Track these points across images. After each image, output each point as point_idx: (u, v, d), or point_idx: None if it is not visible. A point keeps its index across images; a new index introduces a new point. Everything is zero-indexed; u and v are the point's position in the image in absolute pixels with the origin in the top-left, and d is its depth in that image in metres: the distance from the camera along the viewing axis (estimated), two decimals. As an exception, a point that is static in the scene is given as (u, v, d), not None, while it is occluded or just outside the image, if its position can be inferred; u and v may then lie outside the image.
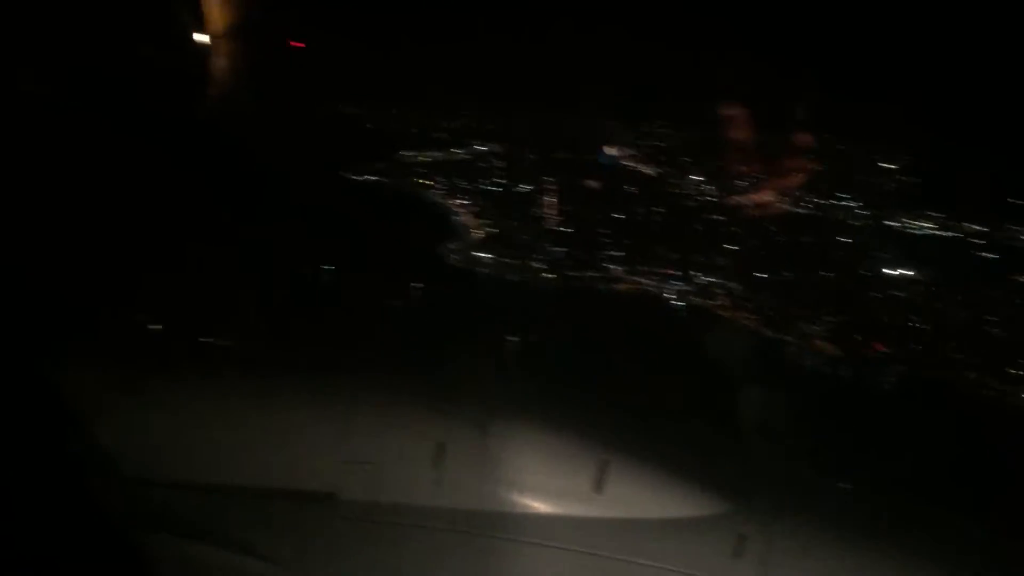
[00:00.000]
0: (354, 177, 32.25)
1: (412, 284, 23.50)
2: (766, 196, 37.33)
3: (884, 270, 30.57)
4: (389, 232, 24.75)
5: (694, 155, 41.95)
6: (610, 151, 43.00)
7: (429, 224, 28.78)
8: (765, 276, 28.38)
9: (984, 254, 32.75)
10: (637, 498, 3.42)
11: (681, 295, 27.32)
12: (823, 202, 37.24)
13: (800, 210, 34.91)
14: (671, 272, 28.19)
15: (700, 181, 40.61)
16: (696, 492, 3.45)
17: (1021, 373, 23.88)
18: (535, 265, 28.54)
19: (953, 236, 33.65)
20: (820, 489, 4.03)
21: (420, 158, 35.04)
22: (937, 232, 34.36)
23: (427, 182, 32.38)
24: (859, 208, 36.97)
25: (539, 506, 3.52)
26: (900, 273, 29.74)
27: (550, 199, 32.53)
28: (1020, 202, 35.43)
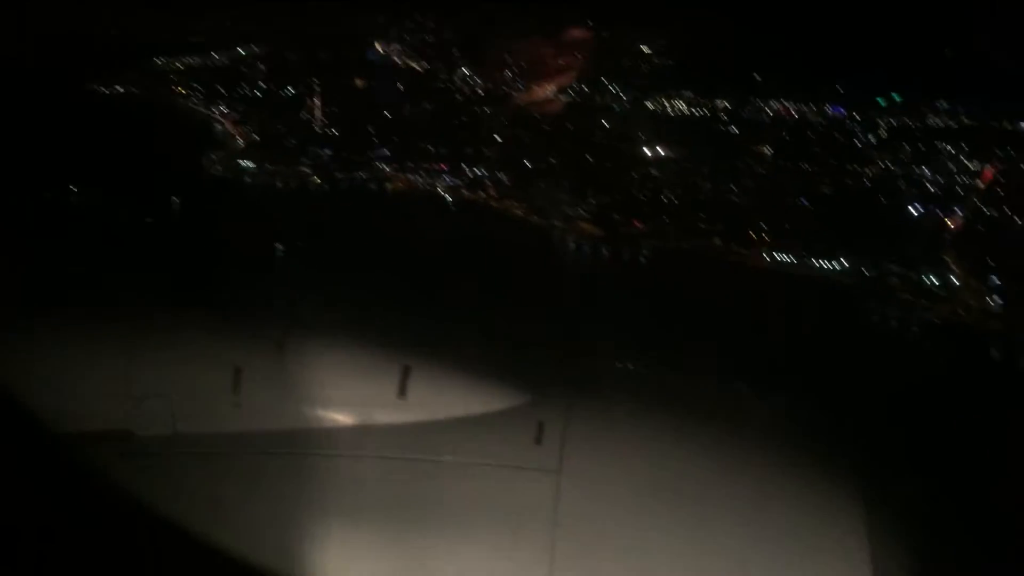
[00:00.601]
0: (101, 89, 30.10)
1: (172, 198, 22.65)
2: (534, 86, 38.06)
3: (644, 150, 32.30)
4: (142, 146, 23.49)
5: (463, 49, 41.89)
6: (379, 48, 42.18)
7: (187, 135, 27.41)
8: (531, 165, 29.32)
9: (730, 129, 35.23)
10: (440, 399, 3.29)
11: (451, 190, 27.75)
12: (586, 89, 38.50)
13: (564, 98, 36.00)
14: (441, 167, 28.41)
15: (468, 75, 40.76)
16: (496, 386, 3.34)
17: (763, 237, 26.29)
18: (303, 170, 27.81)
19: (702, 114, 35.90)
20: (613, 371, 4.01)
21: (175, 65, 32.95)
22: (688, 111, 36.53)
23: (183, 90, 30.61)
24: (619, 92, 38.51)
25: (344, 418, 3.31)
26: (655, 152, 31.56)
27: (316, 101, 31.71)
28: (763, 77, 38.02)
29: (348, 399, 3.31)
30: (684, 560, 3.00)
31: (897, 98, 36.85)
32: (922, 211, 28.49)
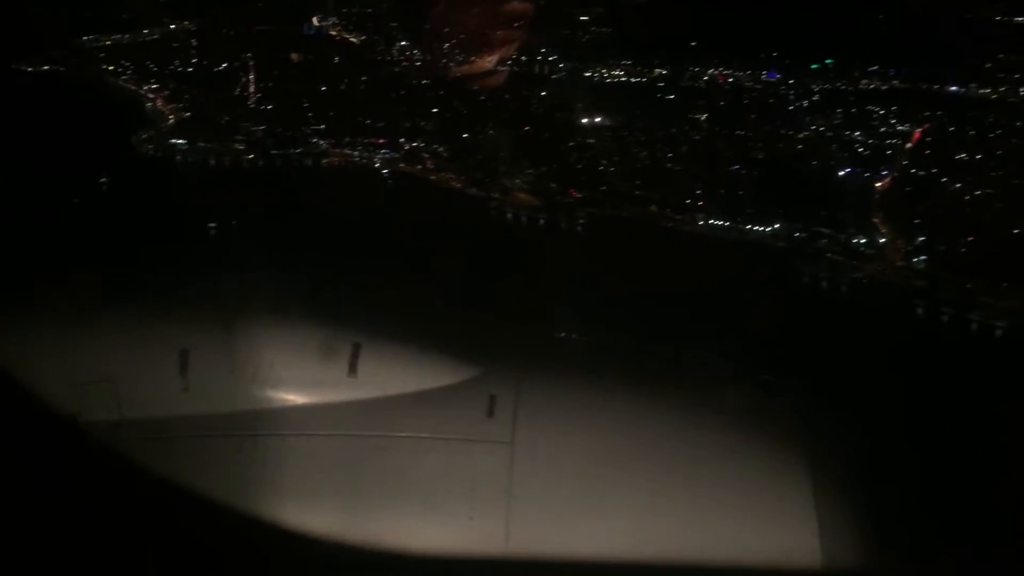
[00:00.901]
0: (26, 69, 29.38)
1: (100, 179, 22.32)
2: (473, 58, 37.90)
3: (581, 119, 32.45)
4: (69, 125, 23.02)
5: (402, 21, 41.51)
6: (316, 21, 41.63)
7: (115, 113, 26.86)
8: (469, 137, 29.34)
9: (666, 96, 35.49)
10: (391, 376, 3.30)
11: (388, 163, 27.65)
12: (524, 59, 38.46)
13: (503, 69, 35.95)
14: (379, 141, 28.25)
15: (406, 46, 40.42)
16: (446, 361, 3.35)
17: (698, 203, 26.66)
18: (236, 147, 27.39)
19: (639, 82, 36.09)
20: (561, 343, 3.98)
21: (104, 42, 32.22)
22: (626, 79, 36.69)
23: (112, 67, 29.93)
24: (557, 62, 38.53)
25: (295, 398, 3.30)
26: (593, 121, 31.74)
27: (251, 76, 31.29)
28: (699, 44, 38.29)
29: (297, 378, 3.31)
30: (635, 523, 3.10)
31: (829, 62, 37.56)
32: (851, 173, 29.13)
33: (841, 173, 29.13)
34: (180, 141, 27.30)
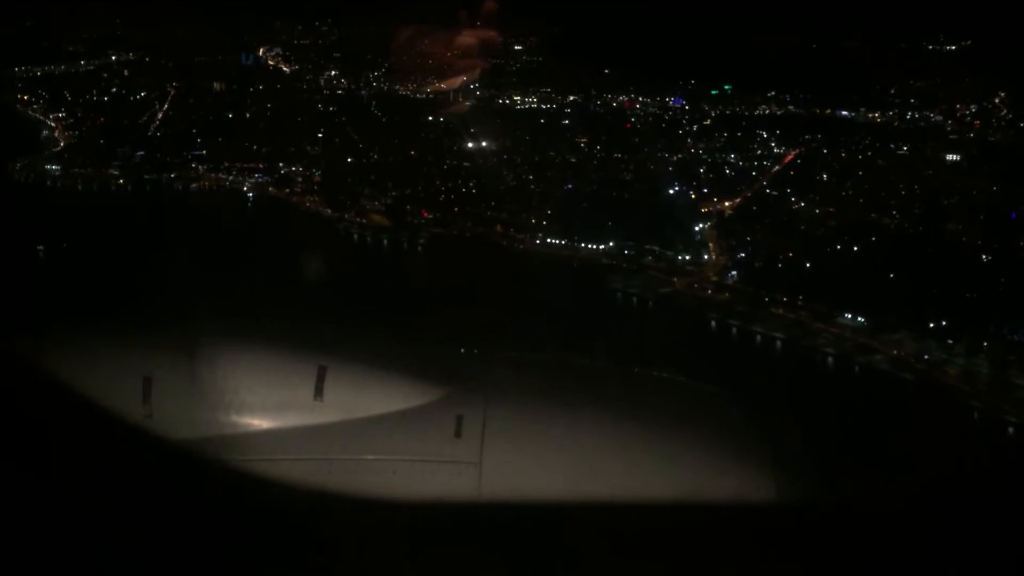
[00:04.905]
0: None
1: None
2: (397, 86, 40.18)
3: (467, 145, 34.48)
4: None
5: (345, 53, 43.99)
6: (261, 51, 44.52)
7: (6, 140, 29.20)
8: (351, 161, 31.65)
9: (561, 121, 37.40)
10: (357, 398, 3.25)
11: (257, 187, 29.90)
12: (444, 87, 40.76)
13: (421, 95, 38.14)
14: (258, 165, 30.51)
15: (335, 76, 43.00)
16: (413, 383, 3.30)
17: (543, 223, 28.61)
18: (111, 172, 29.74)
19: (548, 108, 38.04)
20: (526, 362, 3.93)
21: (36, 72, 35.14)
22: (536, 105, 38.69)
23: (26, 96, 32.61)
24: (476, 90, 40.72)
25: (262, 423, 3.21)
26: (478, 146, 33.75)
27: (164, 105, 33.93)
28: (613, 72, 40.22)
29: (262, 403, 3.28)
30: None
31: (728, 88, 39.15)
32: (704, 194, 30.77)
33: (693, 195, 30.74)
34: (54, 167, 29.68)
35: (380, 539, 3.06)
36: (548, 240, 27.90)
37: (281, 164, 30.86)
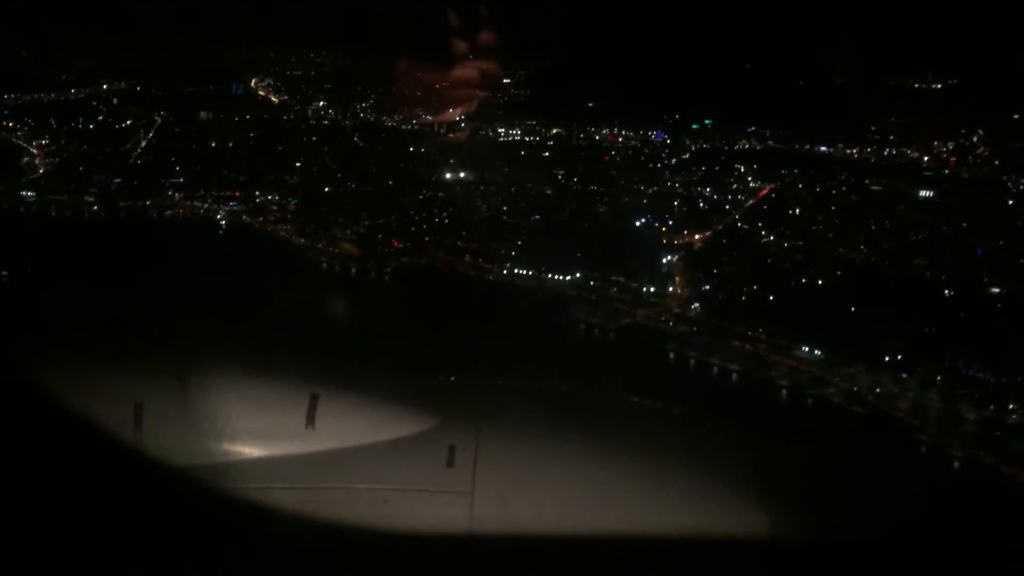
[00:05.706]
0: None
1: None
2: (383, 117, 40.76)
3: (445, 175, 34.92)
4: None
5: (336, 84, 44.73)
6: (253, 82, 45.27)
7: None
8: (327, 191, 32.12)
9: (540, 153, 37.79)
10: (350, 427, 3.25)
11: (231, 215, 30.33)
12: (430, 118, 41.27)
13: (408, 127, 38.65)
14: (234, 194, 30.97)
15: (323, 106, 43.66)
16: (405, 412, 3.31)
17: (512, 253, 28.93)
18: (86, 199, 30.24)
19: (530, 140, 38.49)
20: (520, 392, 3.96)
21: (24, 99, 35.83)
22: (520, 137, 39.15)
23: (12, 124, 33.21)
24: (460, 122, 41.24)
25: (253, 451, 3.21)
26: (456, 177, 34.18)
27: (149, 133, 34.52)
28: (596, 106, 40.71)
29: (255, 431, 3.27)
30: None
31: (708, 123, 39.52)
32: (675, 227, 31.03)
33: (663, 228, 31.02)
34: (30, 193, 30.32)
35: (371, 569, 3.05)
36: (516, 271, 28.21)
37: (257, 192, 31.34)
